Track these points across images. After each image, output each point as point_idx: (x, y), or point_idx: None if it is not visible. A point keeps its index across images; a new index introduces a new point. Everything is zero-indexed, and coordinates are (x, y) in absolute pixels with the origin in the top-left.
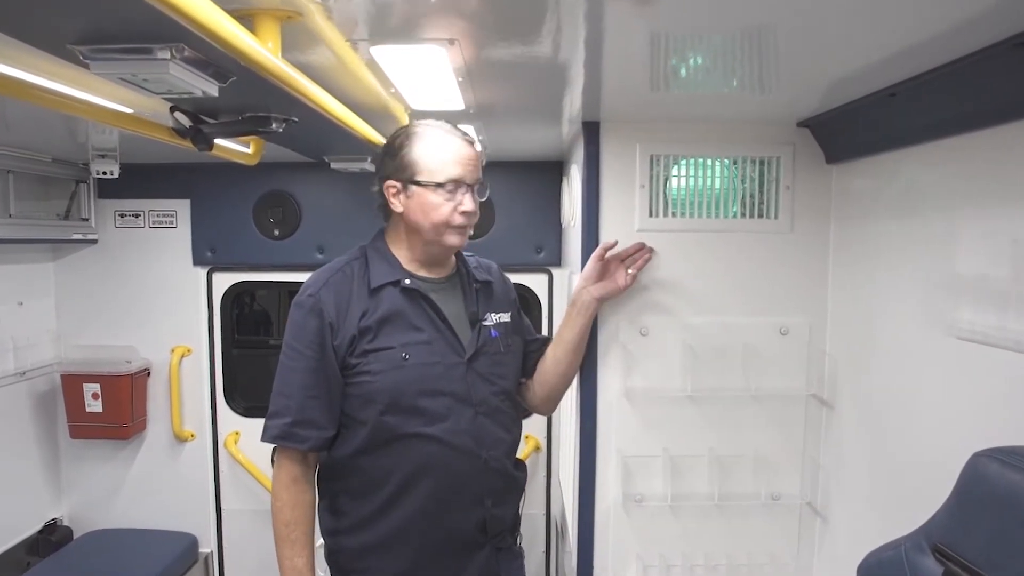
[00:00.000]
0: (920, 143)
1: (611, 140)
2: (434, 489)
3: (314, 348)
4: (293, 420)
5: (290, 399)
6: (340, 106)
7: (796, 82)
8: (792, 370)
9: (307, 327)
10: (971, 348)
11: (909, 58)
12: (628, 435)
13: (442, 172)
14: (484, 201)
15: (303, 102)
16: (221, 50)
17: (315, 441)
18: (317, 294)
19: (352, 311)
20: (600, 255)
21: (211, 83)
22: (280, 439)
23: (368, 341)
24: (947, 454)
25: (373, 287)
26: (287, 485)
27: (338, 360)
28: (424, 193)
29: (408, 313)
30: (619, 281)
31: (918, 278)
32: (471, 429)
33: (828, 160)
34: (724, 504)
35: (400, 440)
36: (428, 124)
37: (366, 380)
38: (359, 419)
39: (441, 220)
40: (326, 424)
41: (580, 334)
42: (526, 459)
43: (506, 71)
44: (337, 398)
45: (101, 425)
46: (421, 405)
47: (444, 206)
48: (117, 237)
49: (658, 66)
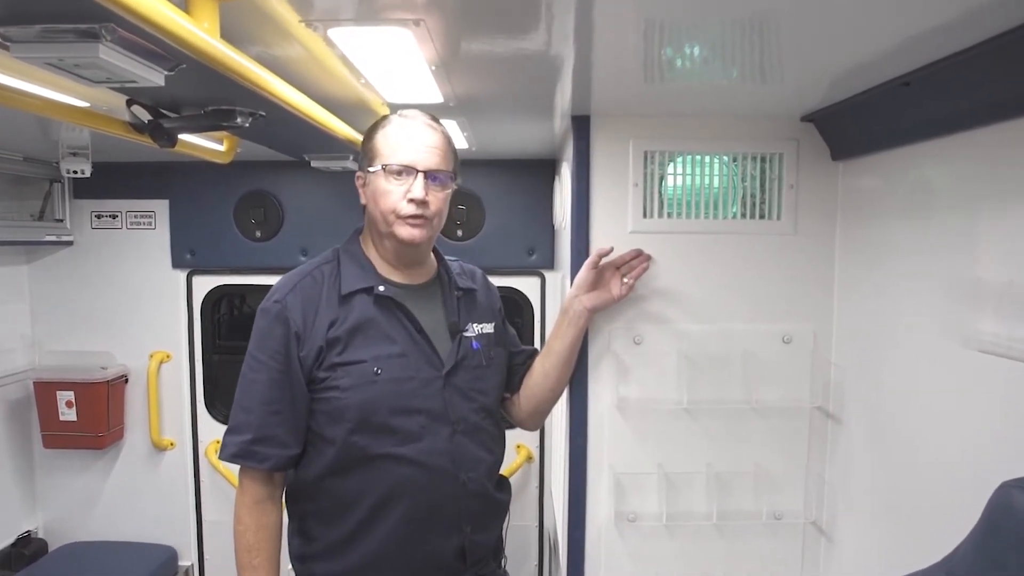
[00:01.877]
0: (935, 137)
1: (602, 135)
2: (408, 514)
3: (278, 359)
4: (253, 437)
5: (250, 414)
6: (304, 98)
7: (800, 72)
8: (795, 381)
9: (271, 336)
10: (993, 362)
11: (926, 43)
12: (621, 450)
13: (392, 157)
14: (474, 201)
15: (265, 95)
16: (151, 32)
17: (277, 460)
18: (283, 300)
19: (320, 320)
20: (594, 262)
21: (155, 71)
22: (239, 457)
23: (337, 353)
24: (964, 475)
25: (344, 294)
26: (250, 507)
27: (304, 373)
28: (375, 180)
29: (381, 323)
30: (613, 291)
31: (933, 284)
32: (448, 449)
33: (834, 156)
34: (723, 524)
35: (371, 461)
36: (401, 113)
37: (334, 396)
38: (326, 438)
39: (388, 208)
40: (290, 441)
41: (570, 346)
42: (518, 470)
43: (484, 59)
44: (303, 414)
45: (75, 434)
46: (394, 424)
47: (392, 193)
48: (93, 239)
49: (652, 55)
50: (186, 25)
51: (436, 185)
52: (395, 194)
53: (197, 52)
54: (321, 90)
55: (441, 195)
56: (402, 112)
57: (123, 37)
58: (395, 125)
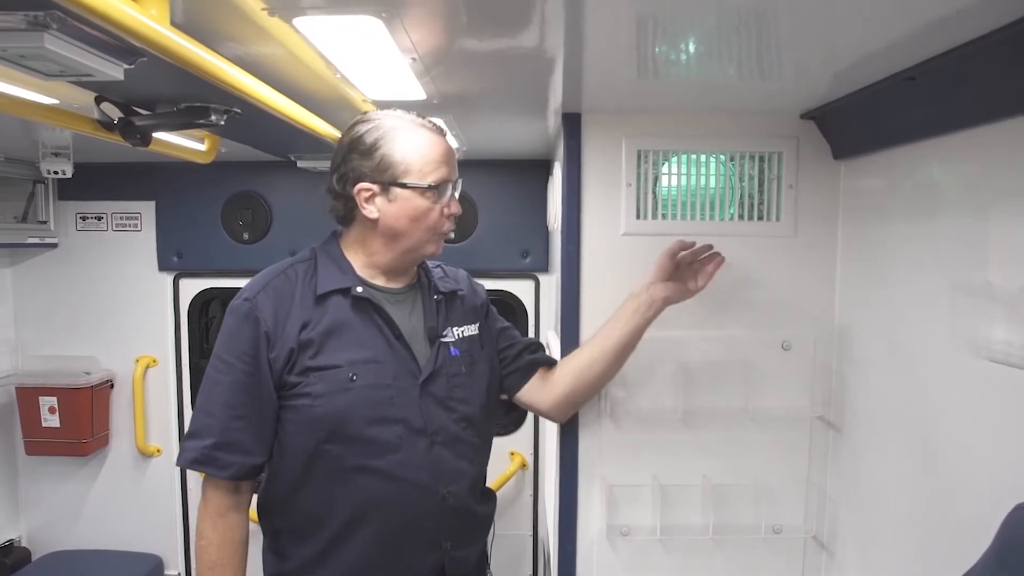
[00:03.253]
0: (942, 134)
1: (594, 134)
2: (382, 531)
3: (245, 360)
4: (215, 442)
5: (212, 418)
6: (276, 94)
7: (800, 67)
8: (796, 389)
9: (240, 336)
10: (1004, 372)
11: (933, 34)
12: (614, 461)
13: (433, 173)
14: (466, 202)
15: (233, 90)
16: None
17: (239, 468)
18: (254, 299)
19: (292, 320)
20: (674, 251)
21: (112, 63)
22: (197, 463)
23: (310, 357)
24: (972, 489)
25: (319, 294)
26: (213, 520)
27: (274, 377)
28: (412, 197)
29: (357, 326)
30: (690, 284)
31: (940, 289)
32: (426, 462)
33: (836, 155)
34: (720, 538)
35: (343, 474)
36: (398, 116)
37: (306, 404)
38: (296, 448)
39: (431, 227)
40: (254, 449)
41: (631, 335)
42: (511, 477)
43: (466, 53)
44: (270, 420)
45: (59, 441)
46: (369, 434)
47: (433, 211)
48: (78, 241)
49: (646, 49)
50: (129, 11)
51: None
52: (435, 211)
53: (146, 41)
54: (299, 87)
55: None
56: (398, 114)
57: (74, 27)
58: (419, 136)
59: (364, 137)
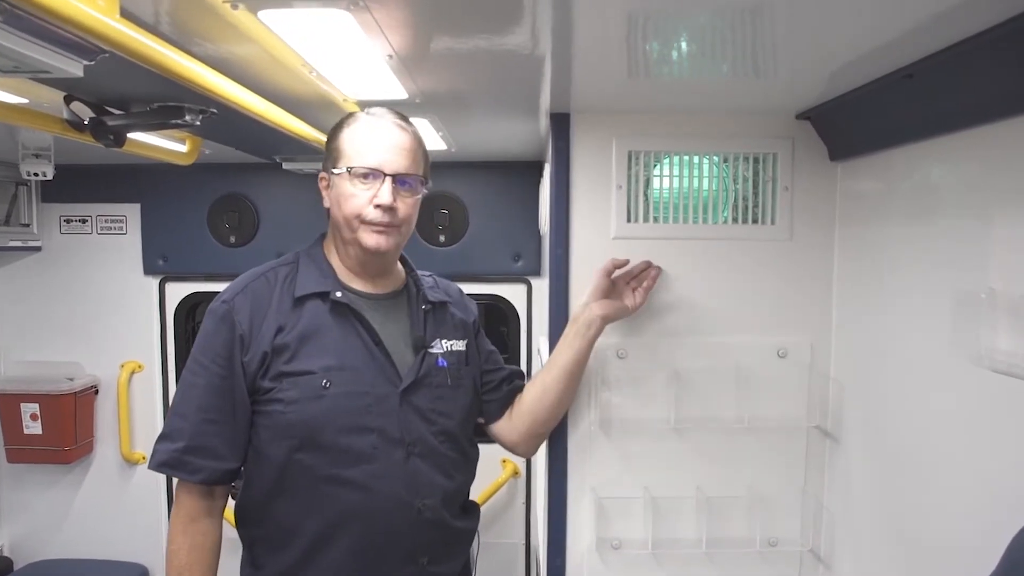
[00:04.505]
0: (942, 134)
1: (583, 134)
2: (356, 545)
3: (220, 363)
4: (186, 446)
5: (185, 421)
6: (248, 93)
7: (795, 65)
8: (791, 398)
9: (216, 338)
10: (1006, 382)
11: (933, 31)
12: (604, 472)
13: (359, 158)
14: (457, 205)
15: (207, 89)
16: (28, 8)
17: (210, 472)
18: (231, 301)
19: (268, 324)
20: (608, 270)
21: (70, 59)
22: (167, 467)
23: (284, 362)
24: (972, 501)
25: (297, 297)
26: (184, 525)
27: (247, 380)
28: (340, 182)
29: (334, 332)
30: (628, 301)
31: (940, 295)
32: (402, 474)
33: (832, 156)
34: (714, 551)
35: (316, 484)
36: (369, 111)
37: (277, 410)
38: (268, 455)
39: (352, 212)
40: (226, 454)
41: (578, 359)
42: (503, 485)
43: (445, 49)
44: (243, 424)
45: (40, 448)
46: (343, 443)
47: (358, 197)
48: (62, 244)
49: (636, 47)
50: (74, 2)
51: (405, 190)
52: (360, 198)
53: (94, 34)
54: (278, 87)
55: (410, 201)
56: (370, 110)
57: (27, 21)
58: (362, 124)
59: (332, 130)
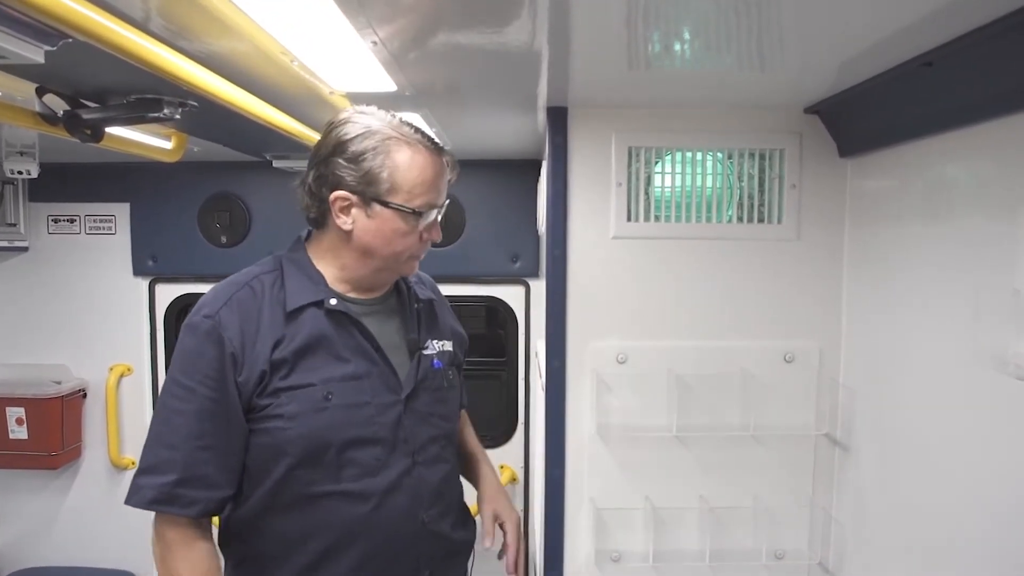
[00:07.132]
0: (958, 127)
1: (581, 129)
2: (358, 561)
3: (210, 385)
4: (178, 478)
5: (175, 451)
6: (225, 83)
7: (804, 56)
8: (799, 404)
9: (202, 357)
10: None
11: (951, 16)
12: (603, 482)
13: (420, 197)
14: (453, 204)
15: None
16: None
17: (206, 504)
18: (216, 315)
19: (262, 340)
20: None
21: (30, 45)
22: (158, 504)
23: (281, 377)
24: (988, 513)
25: (290, 309)
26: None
27: (242, 401)
28: (393, 218)
29: (334, 341)
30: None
31: (955, 297)
32: (408, 485)
33: (842, 153)
34: (718, 564)
35: (315, 500)
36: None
37: (277, 427)
38: (262, 472)
39: (405, 250)
40: (221, 482)
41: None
42: None
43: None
44: (238, 450)
45: (27, 453)
46: (346, 457)
47: (411, 234)
48: (50, 244)
49: (637, 37)
50: None
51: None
52: (414, 236)
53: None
54: (260, 79)
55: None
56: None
57: None
58: (414, 155)
59: (352, 142)
